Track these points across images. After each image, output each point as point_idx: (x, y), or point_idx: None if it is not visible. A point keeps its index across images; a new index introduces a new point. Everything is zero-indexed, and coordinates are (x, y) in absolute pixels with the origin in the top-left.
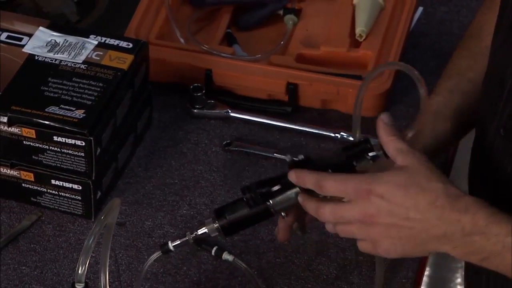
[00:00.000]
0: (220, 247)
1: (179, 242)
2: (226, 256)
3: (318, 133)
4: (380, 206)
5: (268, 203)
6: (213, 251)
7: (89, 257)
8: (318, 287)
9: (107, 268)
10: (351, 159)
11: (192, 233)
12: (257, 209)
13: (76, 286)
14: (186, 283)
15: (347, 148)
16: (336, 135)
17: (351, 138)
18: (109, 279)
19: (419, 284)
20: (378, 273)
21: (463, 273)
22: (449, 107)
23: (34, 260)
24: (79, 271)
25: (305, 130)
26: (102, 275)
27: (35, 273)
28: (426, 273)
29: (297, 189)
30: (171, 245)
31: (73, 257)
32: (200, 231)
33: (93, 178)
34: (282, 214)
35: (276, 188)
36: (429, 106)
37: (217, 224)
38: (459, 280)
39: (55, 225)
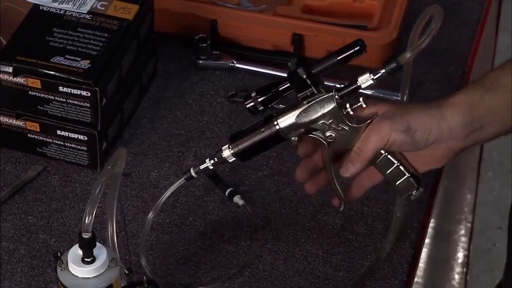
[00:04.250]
0: (234, 191)
1: (201, 168)
2: (237, 199)
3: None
4: None
5: (276, 123)
6: (227, 192)
7: (96, 207)
8: (323, 237)
9: (114, 218)
10: (344, 61)
11: (211, 159)
12: (268, 132)
13: (83, 235)
14: (192, 233)
15: (339, 51)
16: (342, 86)
17: None
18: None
19: (424, 234)
20: (394, 223)
21: (468, 225)
22: None
23: (40, 210)
24: (86, 221)
25: None
26: (109, 224)
27: (42, 223)
28: (431, 224)
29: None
30: (193, 171)
31: (79, 208)
32: (218, 157)
33: (99, 128)
34: (293, 138)
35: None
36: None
37: (232, 150)
38: (462, 232)
39: (61, 175)
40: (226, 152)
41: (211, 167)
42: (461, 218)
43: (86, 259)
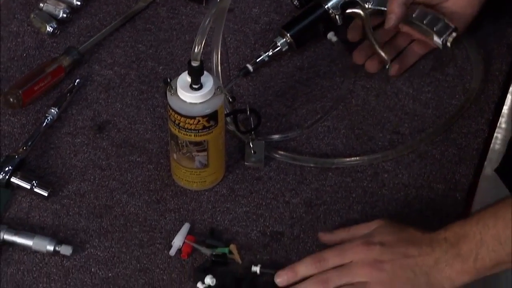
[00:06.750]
0: (328, 26)
1: (257, 61)
2: (330, 36)
3: None
4: (382, 250)
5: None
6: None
7: (205, 37)
8: (414, 76)
9: (220, 49)
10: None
11: (265, 52)
12: (317, 13)
13: (192, 63)
14: (290, 67)
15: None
16: None
17: None
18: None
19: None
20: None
21: None
22: None
23: (149, 39)
24: (196, 50)
25: None
26: (214, 55)
27: (150, 51)
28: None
29: None
30: (250, 67)
31: (185, 39)
32: (276, 49)
33: None
34: (337, 17)
35: None
36: None
37: (285, 39)
38: None
39: (169, 7)
40: (281, 41)
41: (266, 59)
42: None
43: (194, 86)
